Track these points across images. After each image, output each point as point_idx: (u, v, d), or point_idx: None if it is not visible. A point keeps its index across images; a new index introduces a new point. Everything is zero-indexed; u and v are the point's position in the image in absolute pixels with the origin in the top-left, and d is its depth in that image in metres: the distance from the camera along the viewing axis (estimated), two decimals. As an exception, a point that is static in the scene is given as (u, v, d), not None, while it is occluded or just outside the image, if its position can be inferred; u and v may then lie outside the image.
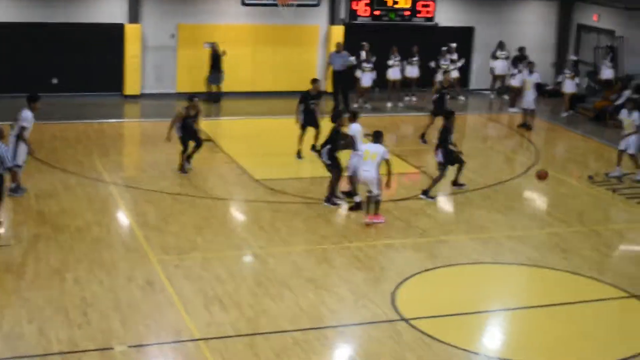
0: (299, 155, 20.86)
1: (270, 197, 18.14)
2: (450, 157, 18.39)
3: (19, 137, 17.10)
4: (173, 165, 19.70)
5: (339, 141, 17.54)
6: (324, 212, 17.39)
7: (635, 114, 20.42)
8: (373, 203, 16.60)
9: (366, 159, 16.34)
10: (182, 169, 19.34)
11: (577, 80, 27.20)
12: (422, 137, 22.99)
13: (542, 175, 18.84)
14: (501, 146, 23.65)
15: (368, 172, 16.28)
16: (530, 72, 25.59)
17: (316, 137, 20.75)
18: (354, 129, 17.83)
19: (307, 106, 20.87)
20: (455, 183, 19.13)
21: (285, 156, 21.29)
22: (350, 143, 17.56)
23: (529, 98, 25.27)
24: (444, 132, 18.42)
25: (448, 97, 23.42)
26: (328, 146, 17.53)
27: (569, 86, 27.00)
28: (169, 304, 13.00)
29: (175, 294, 13.29)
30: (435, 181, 18.47)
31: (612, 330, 13.09)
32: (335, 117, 18.11)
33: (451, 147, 18.39)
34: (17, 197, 17.09)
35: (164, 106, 26.21)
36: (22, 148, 17.24)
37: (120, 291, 13.31)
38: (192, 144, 19.46)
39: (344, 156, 17.74)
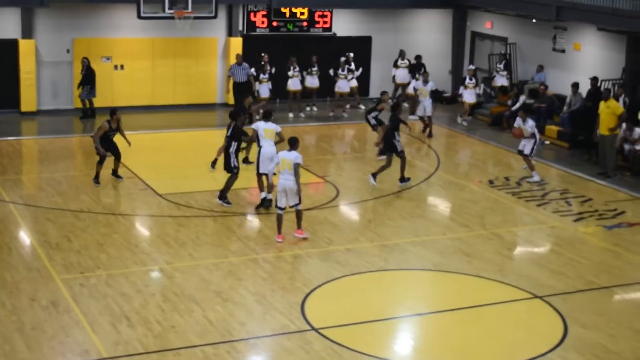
0: (213, 165, 20.78)
1: (175, 211, 17.97)
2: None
3: None
4: (70, 181, 19.40)
5: (240, 137, 18.18)
6: (229, 225, 17.33)
7: (528, 122, 20.94)
8: (297, 217, 16.48)
9: (284, 168, 16.10)
10: (96, 179, 19.41)
11: (477, 90, 27.62)
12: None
13: (517, 134, 20.96)
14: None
15: (288, 180, 16.08)
16: (425, 81, 25.99)
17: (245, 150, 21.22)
18: (259, 125, 18.35)
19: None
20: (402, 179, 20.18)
21: (189, 169, 21.15)
22: (254, 138, 18.31)
23: (425, 105, 25.73)
24: (394, 121, 20.05)
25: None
26: (234, 145, 18.07)
27: (469, 96, 27.34)
28: (74, 323, 12.76)
29: (81, 313, 13.06)
30: (383, 167, 20.17)
31: (518, 331, 13.35)
32: (235, 115, 18.61)
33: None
34: None
35: (62, 122, 25.78)
36: None
37: (23, 313, 13.01)
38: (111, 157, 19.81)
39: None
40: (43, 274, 14.50)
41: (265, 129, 18.16)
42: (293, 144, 16.34)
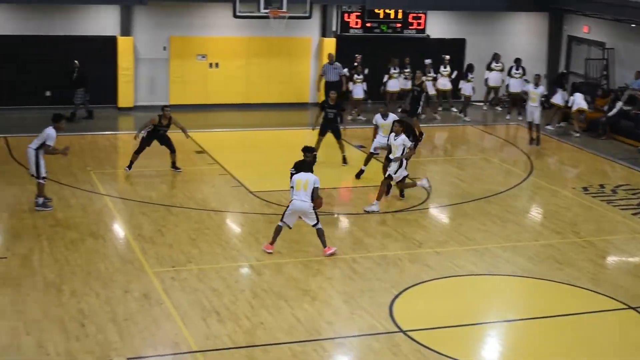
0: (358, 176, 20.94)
1: (265, 209, 18.11)
2: None
3: (40, 152, 17.33)
4: (164, 177, 19.79)
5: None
6: (319, 224, 17.38)
7: (401, 137, 18.23)
8: (320, 237, 15.71)
9: (299, 189, 15.47)
10: (129, 166, 20.15)
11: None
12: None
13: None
14: (495, 157, 23.69)
15: (304, 202, 15.45)
16: (536, 85, 24.89)
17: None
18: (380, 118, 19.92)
19: (326, 114, 21.70)
20: None
21: (281, 168, 21.23)
22: None
23: (534, 111, 24.63)
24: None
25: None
26: None
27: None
28: (165, 316, 12.97)
29: (172, 306, 13.26)
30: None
31: (610, 341, 13.08)
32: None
33: None
34: (42, 211, 17.30)
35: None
36: (43, 163, 17.40)
37: (116, 304, 13.27)
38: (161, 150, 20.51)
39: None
40: (136, 267, 14.79)
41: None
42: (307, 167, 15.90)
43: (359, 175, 20.36)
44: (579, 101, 26.08)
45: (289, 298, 13.81)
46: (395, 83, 27.73)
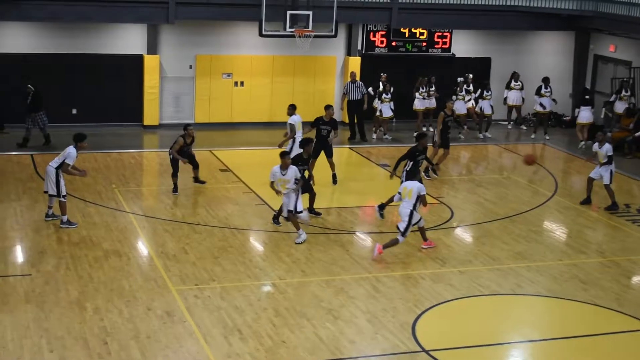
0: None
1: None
2: None
3: (60, 171, 17.60)
4: (189, 195, 19.86)
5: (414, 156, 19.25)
6: (342, 243, 17.39)
7: (290, 170, 17.39)
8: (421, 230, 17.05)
9: (404, 197, 16.52)
10: (175, 190, 20.14)
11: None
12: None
13: (529, 160, 20.03)
14: (519, 177, 23.59)
15: (405, 208, 16.48)
16: (601, 143, 20.41)
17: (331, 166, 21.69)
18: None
19: (319, 132, 21.51)
20: None
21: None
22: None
23: (601, 172, 20.44)
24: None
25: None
26: (409, 164, 19.09)
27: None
28: (188, 334, 13.00)
29: (195, 324, 13.29)
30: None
31: (634, 362, 13.01)
32: (419, 137, 19.83)
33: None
34: (67, 228, 17.48)
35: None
36: (63, 181, 17.73)
37: (139, 321, 13.32)
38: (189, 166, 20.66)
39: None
40: (159, 284, 14.84)
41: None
42: (414, 175, 17.15)
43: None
44: (582, 114, 27.05)
45: (311, 317, 13.80)
46: (422, 102, 27.71)
